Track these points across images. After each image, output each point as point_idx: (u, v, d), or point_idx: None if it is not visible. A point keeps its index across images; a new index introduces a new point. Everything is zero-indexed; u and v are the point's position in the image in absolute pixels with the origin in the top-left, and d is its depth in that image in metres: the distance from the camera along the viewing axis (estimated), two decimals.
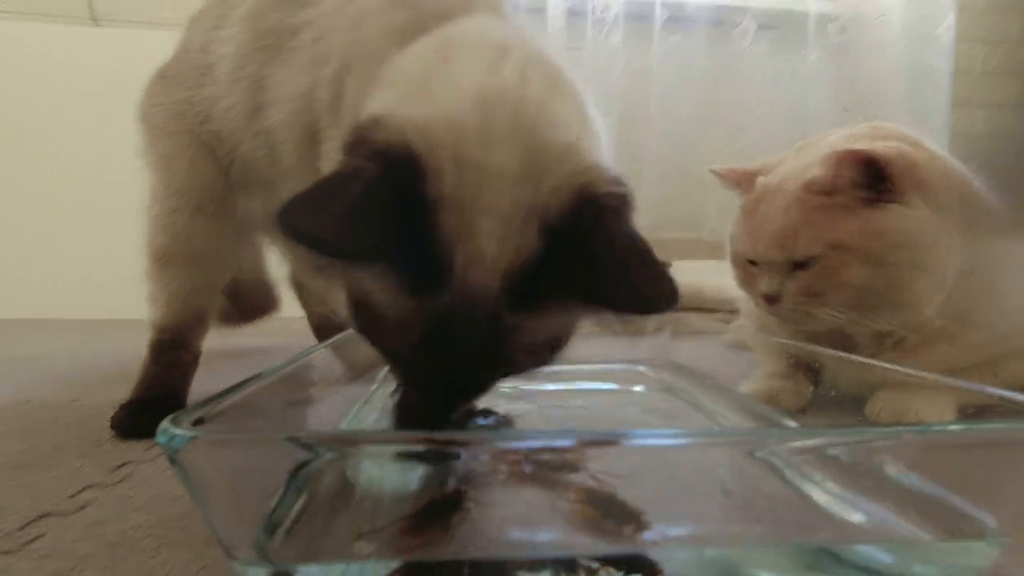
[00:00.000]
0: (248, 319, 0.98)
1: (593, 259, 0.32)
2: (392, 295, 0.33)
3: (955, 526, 0.31)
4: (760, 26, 2.11)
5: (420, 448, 0.29)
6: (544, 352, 0.38)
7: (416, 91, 0.37)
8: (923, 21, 2.06)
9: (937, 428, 0.30)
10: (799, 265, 0.65)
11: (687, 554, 0.31)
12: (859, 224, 0.61)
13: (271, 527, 0.29)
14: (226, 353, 0.97)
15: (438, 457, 0.30)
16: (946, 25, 2.05)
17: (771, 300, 0.67)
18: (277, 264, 0.96)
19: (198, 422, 0.28)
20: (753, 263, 0.71)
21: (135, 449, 0.55)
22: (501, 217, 0.32)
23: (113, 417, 0.60)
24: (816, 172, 0.64)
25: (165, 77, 0.71)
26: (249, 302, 0.96)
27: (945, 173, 0.67)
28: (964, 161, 0.70)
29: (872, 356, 0.65)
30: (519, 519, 0.31)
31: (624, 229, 0.34)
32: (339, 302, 0.41)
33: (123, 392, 0.76)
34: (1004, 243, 0.69)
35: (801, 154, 0.73)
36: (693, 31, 2.09)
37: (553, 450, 0.30)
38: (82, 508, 0.43)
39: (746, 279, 0.74)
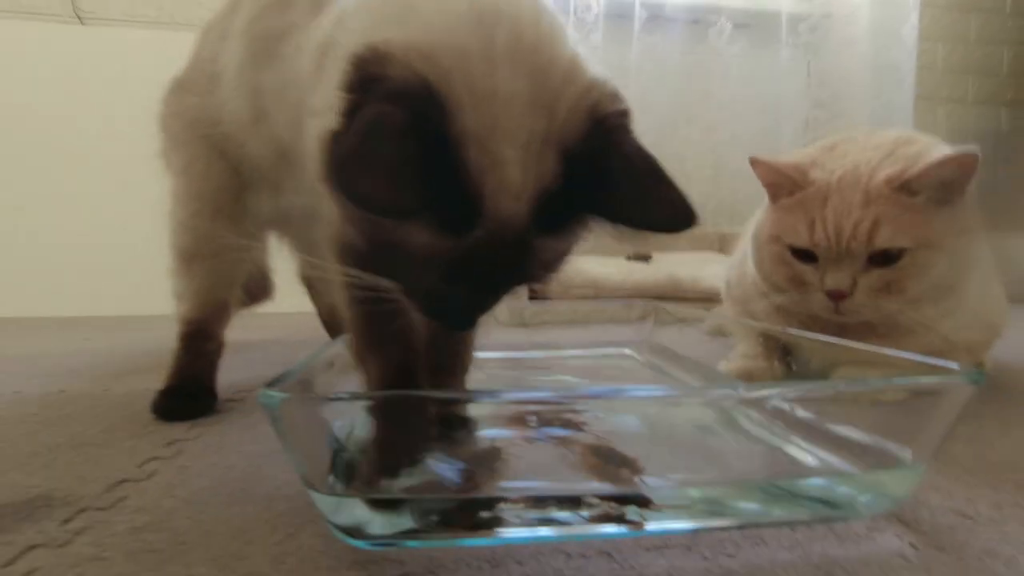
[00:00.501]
0: (246, 305, 1.02)
1: (612, 180, 0.34)
2: (428, 236, 0.35)
3: (881, 461, 0.39)
4: (735, 25, 2.20)
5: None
6: (558, 263, 0.40)
7: (405, 15, 0.36)
8: (888, 20, 2.17)
9: (861, 382, 0.38)
10: (874, 261, 0.65)
11: (674, 492, 0.39)
12: (943, 223, 0.64)
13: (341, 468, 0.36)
14: (233, 347, 1.03)
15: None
16: (910, 24, 2.16)
17: (840, 295, 0.66)
18: (278, 257, 1.01)
19: None
20: (809, 259, 0.70)
21: (178, 429, 0.62)
22: (521, 145, 0.33)
23: (153, 403, 0.66)
24: (892, 169, 0.65)
25: (179, 86, 0.75)
26: (247, 289, 0.99)
27: None
28: None
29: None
30: (538, 467, 0.39)
31: (636, 147, 0.36)
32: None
33: (145, 382, 0.82)
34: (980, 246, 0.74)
35: (840, 151, 0.72)
36: (671, 30, 2.17)
37: (561, 404, 0.37)
38: (151, 476, 0.49)
39: (793, 275, 0.71)
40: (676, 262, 1.69)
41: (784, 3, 2.23)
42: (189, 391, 0.68)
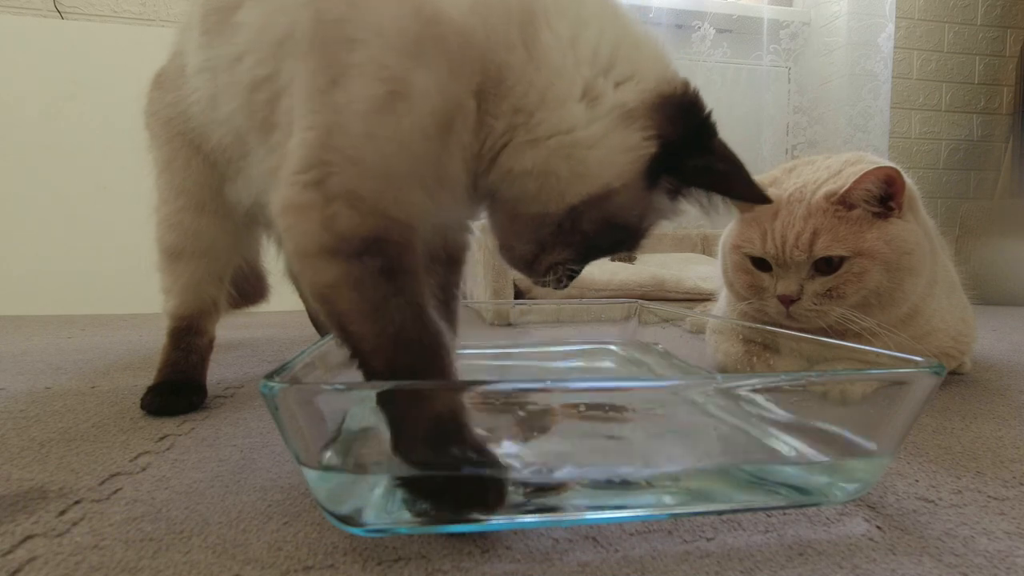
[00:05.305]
0: (241, 305, 1.01)
1: None
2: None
3: (848, 451, 0.41)
4: (718, 31, 2.24)
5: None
6: None
7: (649, 57, 0.47)
8: (865, 30, 2.22)
9: (831, 373, 0.41)
10: (819, 270, 0.71)
11: (656, 477, 0.41)
12: (877, 234, 0.69)
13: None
14: (222, 344, 1.03)
15: None
16: (886, 34, 2.22)
17: (789, 300, 0.72)
18: (272, 256, 1.01)
19: None
20: (764, 268, 0.76)
21: (169, 425, 0.62)
22: None
23: (143, 399, 0.67)
24: (833, 186, 0.71)
25: (157, 82, 0.73)
26: (242, 289, 0.99)
27: (918, 197, 0.77)
28: (901, 159, 0.79)
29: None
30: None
31: None
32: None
33: (132, 378, 0.82)
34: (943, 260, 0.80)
35: (797, 172, 0.79)
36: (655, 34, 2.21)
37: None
38: (145, 468, 0.50)
39: (752, 282, 0.77)
40: (660, 262, 1.72)
41: (766, 10, 2.28)
42: (179, 387, 0.69)
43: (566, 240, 0.48)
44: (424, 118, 0.42)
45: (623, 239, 0.49)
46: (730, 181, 0.46)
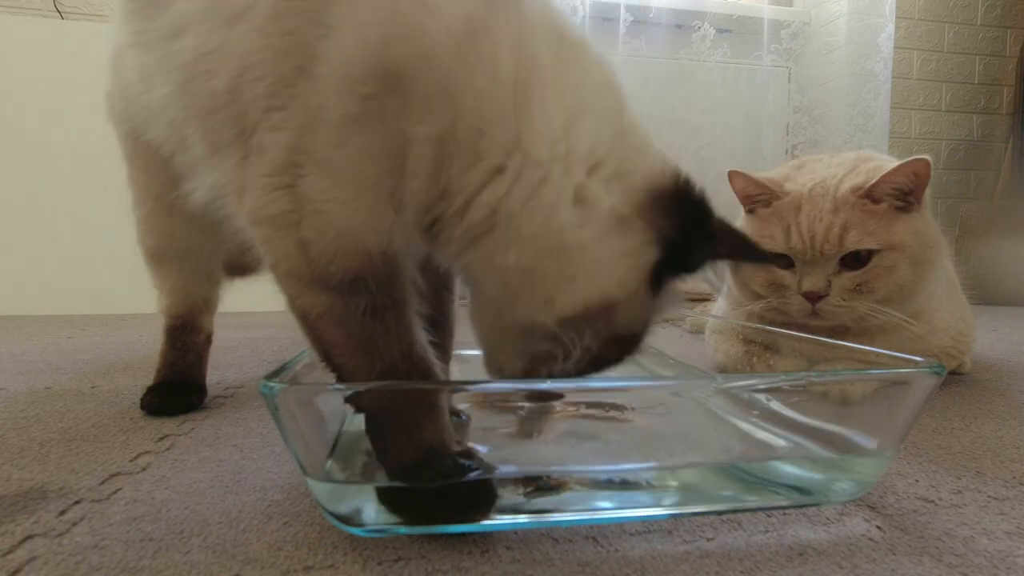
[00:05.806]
0: (233, 277, 0.97)
1: None
2: None
3: (848, 451, 0.41)
4: (718, 31, 2.24)
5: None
6: None
7: (636, 147, 0.44)
8: (865, 29, 2.22)
9: (831, 373, 0.41)
10: (846, 265, 0.70)
11: (651, 477, 0.41)
12: (904, 227, 0.69)
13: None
14: (222, 345, 1.03)
15: None
16: (886, 34, 2.22)
17: (816, 297, 0.71)
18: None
19: None
20: (786, 265, 0.74)
21: (169, 424, 0.62)
22: None
23: (142, 400, 0.67)
24: (858, 180, 0.71)
25: (110, 78, 0.68)
26: (231, 267, 0.95)
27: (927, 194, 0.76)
28: (901, 159, 0.78)
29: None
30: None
31: None
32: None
33: (132, 378, 0.82)
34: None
35: (809, 168, 0.79)
36: (655, 34, 2.21)
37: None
38: (145, 468, 0.50)
39: (772, 279, 0.75)
40: None
41: (766, 10, 2.28)
42: (178, 387, 0.69)
43: (565, 356, 0.42)
44: (388, 143, 0.38)
45: (630, 349, 0.45)
46: (734, 257, 0.45)
